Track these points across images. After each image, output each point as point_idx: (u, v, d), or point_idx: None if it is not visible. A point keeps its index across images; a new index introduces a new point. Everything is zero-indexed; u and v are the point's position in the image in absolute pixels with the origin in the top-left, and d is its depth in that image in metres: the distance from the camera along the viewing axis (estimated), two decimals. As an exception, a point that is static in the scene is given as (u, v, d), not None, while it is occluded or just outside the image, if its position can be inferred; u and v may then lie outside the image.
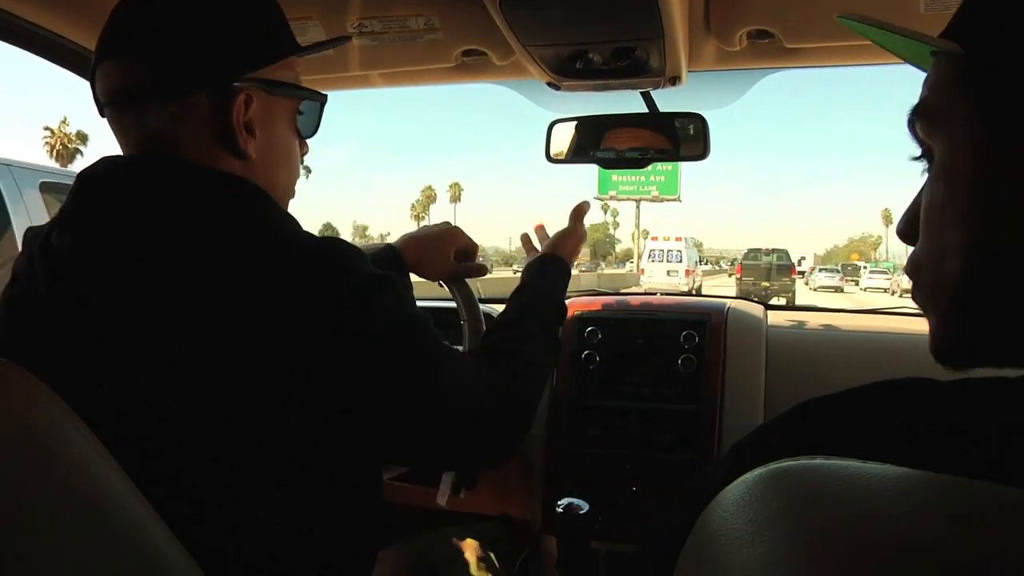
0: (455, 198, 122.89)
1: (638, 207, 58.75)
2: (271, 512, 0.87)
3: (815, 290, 44.16)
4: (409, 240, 1.51)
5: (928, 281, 0.61)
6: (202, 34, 0.94)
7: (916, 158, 0.64)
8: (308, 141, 1.10)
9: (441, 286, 1.57)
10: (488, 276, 1.70)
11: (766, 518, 0.40)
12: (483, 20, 1.45)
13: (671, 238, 33.32)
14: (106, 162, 0.96)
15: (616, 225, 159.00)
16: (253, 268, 0.85)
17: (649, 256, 33.33)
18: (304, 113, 1.06)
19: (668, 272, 31.74)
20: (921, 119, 0.61)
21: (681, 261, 32.24)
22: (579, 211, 1.56)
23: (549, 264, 1.44)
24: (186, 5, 0.95)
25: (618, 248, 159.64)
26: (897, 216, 0.60)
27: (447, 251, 1.51)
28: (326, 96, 1.09)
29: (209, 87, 0.94)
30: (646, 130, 1.79)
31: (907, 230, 0.65)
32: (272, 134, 1.01)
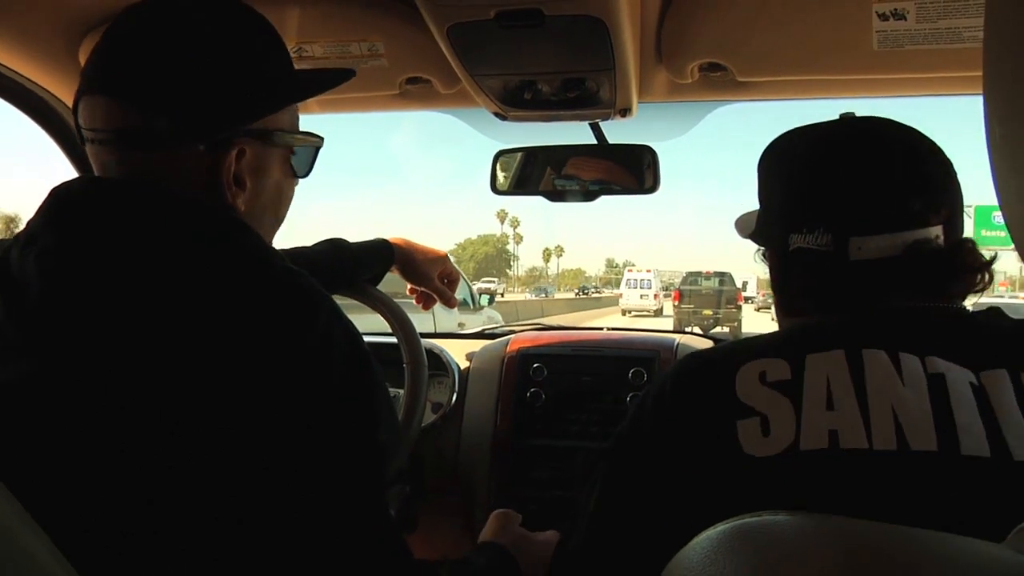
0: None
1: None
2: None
3: (759, 310, 40.45)
4: (404, 240, 1.62)
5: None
6: (198, 81, 0.87)
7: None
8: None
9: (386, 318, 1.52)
10: None
11: None
12: (429, 47, 1.41)
13: (643, 270, 44.74)
14: (86, 181, 0.90)
15: (519, 239, 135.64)
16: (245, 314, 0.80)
17: (626, 283, 43.78)
18: (298, 153, 1.00)
19: (640, 296, 41.57)
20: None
21: (650, 287, 41.99)
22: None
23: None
24: (182, 45, 0.88)
25: (522, 269, 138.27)
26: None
27: (435, 267, 1.62)
28: (322, 139, 1.03)
29: (201, 140, 0.88)
30: (595, 162, 1.77)
31: None
32: (262, 181, 0.95)
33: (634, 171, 1.74)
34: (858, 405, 0.75)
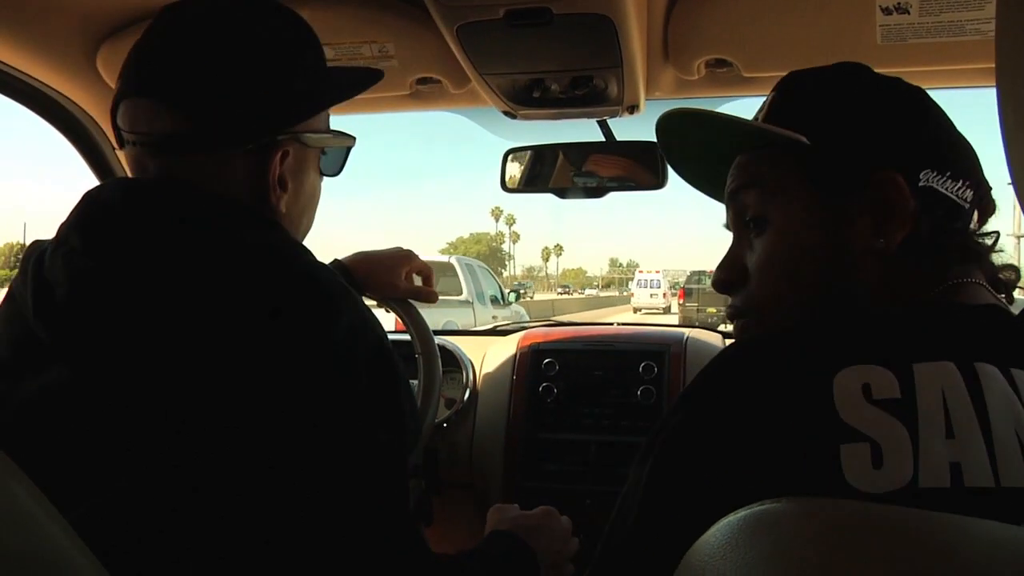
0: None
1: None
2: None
3: None
4: (360, 257, 1.50)
5: (754, 321, 0.82)
6: (244, 85, 0.89)
7: (746, 222, 0.83)
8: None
9: (387, 311, 1.52)
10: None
11: (753, 564, 0.41)
12: (438, 48, 1.43)
13: (652, 271, 48.09)
14: (116, 183, 0.92)
15: (516, 237, 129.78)
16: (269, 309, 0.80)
17: (637, 283, 47.24)
18: (328, 153, 1.01)
19: (651, 295, 44.63)
20: (757, 189, 0.81)
21: (660, 287, 45.14)
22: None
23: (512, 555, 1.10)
24: (227, 49, 0.89)
25: (518, 268, 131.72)
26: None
27: (399, 271, 1.49)
28: (354, 139, 1.05)
29: (247, 143, 0.90)
30: (603, 159, 1.79)
31: (731, 279, 0.85)
32: (301, 183, 0.97)
33: (642, 167, 1.75)
34: (981, 432, 0.61)
